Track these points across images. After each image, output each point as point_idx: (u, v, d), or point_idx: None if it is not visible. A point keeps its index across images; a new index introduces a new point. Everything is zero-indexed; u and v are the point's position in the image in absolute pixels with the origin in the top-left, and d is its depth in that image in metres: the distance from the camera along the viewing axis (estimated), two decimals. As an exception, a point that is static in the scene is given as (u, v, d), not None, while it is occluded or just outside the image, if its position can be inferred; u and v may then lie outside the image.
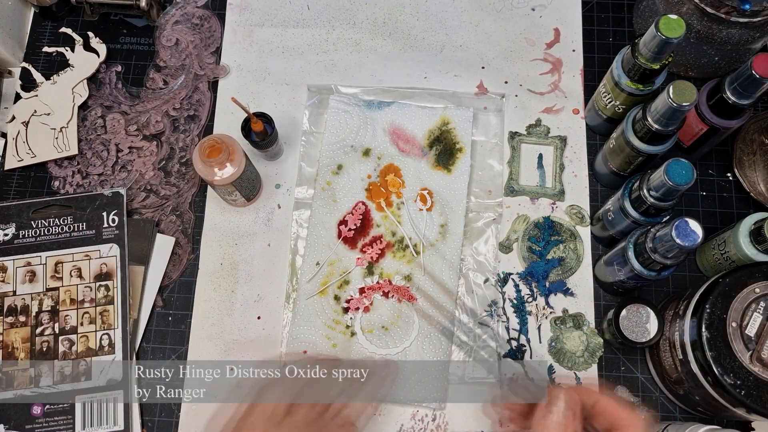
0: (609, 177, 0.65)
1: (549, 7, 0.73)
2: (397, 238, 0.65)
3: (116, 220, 0.65)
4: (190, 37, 0.73)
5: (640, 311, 0.58)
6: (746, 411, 0.51)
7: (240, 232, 0.67)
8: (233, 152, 0.60)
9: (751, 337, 0.50)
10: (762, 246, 0.56)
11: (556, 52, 0.72)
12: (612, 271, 0.60)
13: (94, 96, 0.72)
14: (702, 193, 0.67)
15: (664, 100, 0.52)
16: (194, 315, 0.64)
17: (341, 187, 0.66)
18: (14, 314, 0.63)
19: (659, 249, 0.52)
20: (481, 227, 0.66)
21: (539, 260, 0.64)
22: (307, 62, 0.72)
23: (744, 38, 0.63)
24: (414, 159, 0.67)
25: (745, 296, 0.51)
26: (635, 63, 0.57)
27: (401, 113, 0.68)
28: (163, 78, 0.72)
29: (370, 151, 0.67)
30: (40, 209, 0.66)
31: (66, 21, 0.75)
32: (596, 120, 0.67)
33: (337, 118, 0.68)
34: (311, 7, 0.74)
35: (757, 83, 0.53)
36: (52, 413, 0.60)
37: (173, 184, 0.69)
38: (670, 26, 0.53)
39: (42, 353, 0.62)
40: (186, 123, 0.71)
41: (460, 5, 0.74)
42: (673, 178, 0.51)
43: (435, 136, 0.68)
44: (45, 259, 0.64)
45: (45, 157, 0.69)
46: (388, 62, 0.72)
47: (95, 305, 0.63)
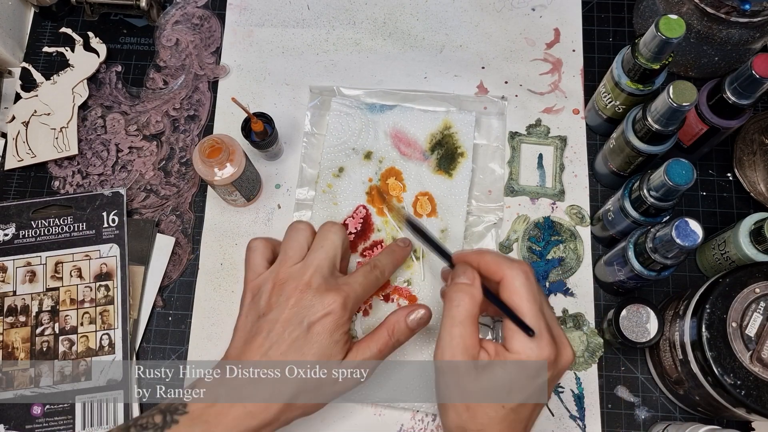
0: (609, 177, 0.65)
1: (549, 7, 0.73)
2: None
3: (116, 220, 0.65)
4: (190, 37, 0.73)
5: (640, 311, 0.58)
6: (746, 411, 0.51)
7: (240, 232, 0.67)
8: (233, 152, 0.60)
9: (751, 337, 0.50)
10: (762, 246, 0.56)
11: (556, 52, 0.72)
12: (612, 271, 0.60)
13: (94, 96, 0.72)
14: (702, 193, 0.67)
15: (664, 100, 0.52)
16: (194, 315, 0.64)
17: (342, 190, 0.66)
18: (14, 314, 0.63)
19: (659, 249, 0.52)
20: (482, 231, 0.65)
21: (539, 260, 0.64)
22: (307, 62, 0.72)
23: (744, 38, 0.63)
24: (415, 163, 0.67)
25: (745, 296, 0.51)
26: (635, 63, 0.57)
27: (403, 117, 0.68)
28: (163, 78, 0.72)
29: (372, 154, 0.67)
30: (40, 209, 0.66)
31: (66, 21, 0.75)
32: (596, 120, 0.67)
33: (338, 121, 0.68)
34: (311, 7, 0.74)
35: (757, 83, 0.53)
36: (52, 413, 0.60)
37: (173, 184, 0.69)
38: (670, 26, 0.53)
39: (42, 353, 0.62)
40: (186, 123, 0.71)
41: (460, 5, 0.74)
42: (673, 178, 0.51)
43: (437, 140, 0.67)
44: (45, 259, 0.64)
45: (45, 157, 0.69)
46: (388, 62, 0.72)
47: (95, 305, 0.63)
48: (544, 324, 0.45)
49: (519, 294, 0.46)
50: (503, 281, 0.47)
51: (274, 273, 0.51)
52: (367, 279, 0.53)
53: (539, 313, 0.46)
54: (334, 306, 0.49)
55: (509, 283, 0.47)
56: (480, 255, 0.49)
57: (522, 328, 0.45)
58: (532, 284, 0.47)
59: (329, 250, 0.52)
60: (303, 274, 0.50)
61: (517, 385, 0.44)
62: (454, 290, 0.48)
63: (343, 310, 0.50)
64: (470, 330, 0.46)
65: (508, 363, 0.45)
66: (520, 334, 0.45)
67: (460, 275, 0.48)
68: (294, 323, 0.49)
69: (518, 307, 0.46)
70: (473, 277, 0.48)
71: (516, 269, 0.47)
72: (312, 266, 0.51)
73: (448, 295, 0.48)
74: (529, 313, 0.45)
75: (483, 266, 0.48)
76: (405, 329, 0.53)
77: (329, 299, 0.49)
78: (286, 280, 0.51)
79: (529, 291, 0.46)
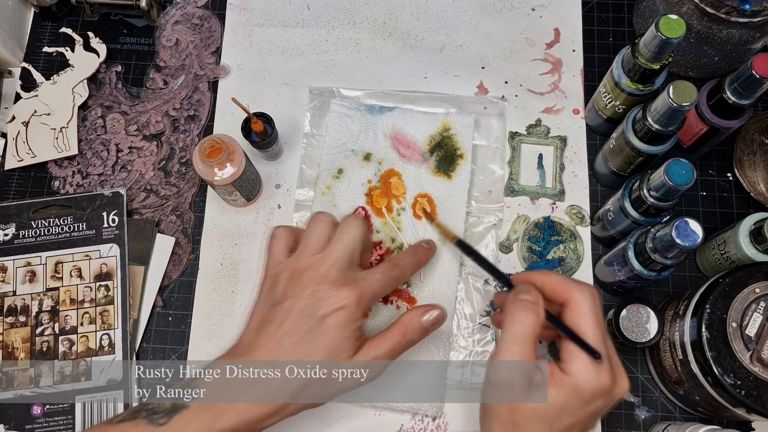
0: (609, 177, 0.65)
1: (549, 7, 0.73)
2: (397, 245, 0.64)
3: (116, 220, 0.65)
4: (190, 37, 0.73)
5: (640, 311, 0.58)
6: (746, 411, 0.51)
7: (240, 232, 0.67)
8: (233, 152, 0.60)
9: (751, 337, 0.50)
10: (762, 246, 0.56)
11: (556, 52, 0.72)
12: (612, 271, 0.60)
13: (94, 96, 0.72)
14: (702, 193, 0.67)
15: (664, 100, 0.52)
16: (194, 315, 0.64)
17: (341, 192, 0.66)
18: (14, 314, 0.63)
19: (659, 249, 0.52)
20: (482, 232, 0.65)
21: (539, 260, 0.64)
22: (307, 62, 0.72)
23: (744, 38, 0.63)
24: (414, 164, 0.67)
25: (745, 296, 0.51)
26: (635, 63, 0.57)
27: (403, 118, 0.68)
28: (163, 78, 0.72)
29: (371, 155, 0.67)
30: (40, 209, 0.66)
31: (66, 21, 0.75)
32: (596, 120, 0.67)
33: (338, 122, 0.68)
34: (311, 7, 0.74)
35: (757, 83, 0.53)
36: (52, 413, 0.60)
37: (173, 184, 0.69)
38: (670, 26, 0.53)
39: (42, 353, 0.62)
40: (186, 123, 0.71)
41: (460, 5, 0.74)
42: (673, 178, 0.51)
43: (436, 141, 0.67)
44: (45, 259, 0.64)
45: (45, 157, 0.69)
46: (388, 62, 0.72)
47: (95, 305, 0.63)
48: (605, 350, 0.44)
49: (586, 317, 0.45)
50: (570, 303, 0.46)
51: (294, 262, 0.51)
52: (385, 276, 0.52)
53: (602, 339, 0.45)
54: (349, 301, 0.49)
55: (577, 305, 0.45)
56: (545, 275, 0.48)
57: (588, 351, 0.44)
58: (599, 309, 0.46)
59: (349, 243, 0.51)
60: (321, 265, 0.50)
61: (569, 409, 0.43)
62: (518, 307, 0.46)
63: (357, 306, 0.49)
64: (530, 348, 0.45)
65: (564, 385, 0.44)
66: (580, 358, 0.44)
67: (524, 293, 0.47)
68: (308, 314, 0.48)
69: (583, 330, 0.45)
70: (537, 297, 0.46)
71: (585, 292, 0.46)
72: (330, 258, 0.50)
73: (510, 311, 0.46)
74: (593, 337, 0.44)
75: (548, 286, 0.47)
76: (419, 329, 0.52)
77: (344, 293, 0.49)
78: (304, 270, 0.50)
79: (596, 315, 0.45)
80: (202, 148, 0.59)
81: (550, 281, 0.47)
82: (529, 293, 0.47)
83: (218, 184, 0.61)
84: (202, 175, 0.60)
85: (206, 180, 0.61)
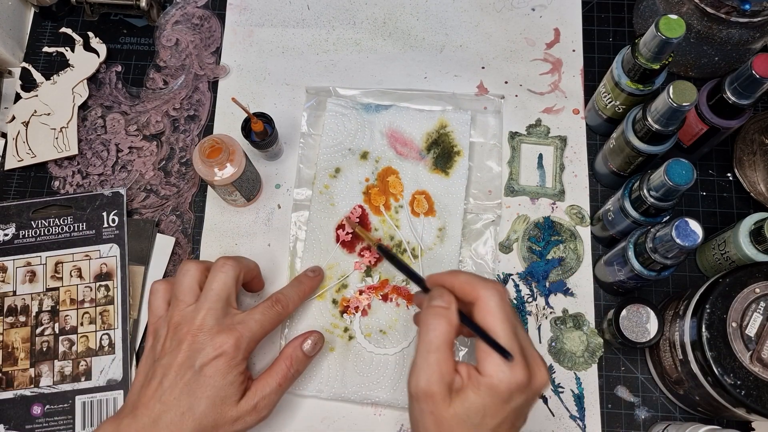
0: (609, 177, 0.65)
1: (549, 7, 0.73)
2: (395, 242, 0.64)
3: (116, 220, 0.65)
4: (190, 37, 0.73)
5: (640, 311, 0.58)
6: (746, 411, 0.51)
7: (240, 232, 0.67)
8: (233, 152, 0.60)
9: (751, 337, 0.50)
10: (762, 246, 0.56)
11: (556, 52, 0.72)
12: (612, 271, 0.60)
13: (94, 96, 0.72)
14: (702, 193, 0.67)
15: (664, 100, 0.52)
16: (194, 315, 0.64)
17: (339, 191, 0.66)
18: (14, 314, 0.63)
19: (659, 249, 0.52)
20: (480, 229, 0.65)
21: (539, 260, 0.64)
22: (307, 62, 0.72)
23: (744, 38, 0.63)
24: (412, 162, 0.67)
25: (745, 296, 0.51)
26: (635, 63, 0.57)
27: (399, 116, 0.68)
28: (163, 78, 0.72)
29: (368, 154, 0.67)
30: (40, 209, 0.66)
31: (66, 21, 0.75)
32: (596, 120, 0.67)
33: (334, 121, 0.68)
34: (311, 8, 0.74)
35: (757, 83, 0.53)
36: (52, 413, 0.60)
37: (173, 184, 0.69)
38: (670, 26, 0.53)
39: (42, 353, 0.62)
40: (186, 123, 0.71)
41: (460, 5, 0.74)
42: (673, 178, 0.51)
43: (433, 139, 0.67)
44: (45, 259, 0.64)
45: (45, 157, 0.69)
46: (388, 62, 0.72)
47: (95, 305, 0.63)
48: (517, 346, 0.44)
49: (493, 314, 0.45)
50: (478, 302, 0.46)
51: (169, 316, 0.52)
52: (265, 316, 0.53)
53: (513, 334, 0.44)
54: (226, 347, 0.50)
55: (484, 303, 0.45)
56: (454, 276, 0.48)
57: (498, 351, 0.44)
58: (506, 305, 0.46)
59: (221, 290, 0.52)
60: (195, 317, 0.51)
61: (490, 410, 0.43)
62: (430, 314, 0.46)
63: (235, 350, 0.50)
64: (446, 356, 0.44)
65: (482, 387, 0.43)
66: (492, 357, 0.43)
67: (436, 298, 0.47)
68: (186, 366, 0.49)
69: (492, 328, 0.45)
70: (449, 301, 0.46)
71: (491, 289, 0.46)
72: (203, 308, 0.51)
73: (424, 320, 0.46)
74: (503, 333, 0.44)
75: (458, 287, 0.47)
76: (302, 358, 0.55)
77: (220, 340, 0.50)
78: (179, 323, 0.51)
79: (504, 311, 0.45)
80: (202, 148, 0.59)
81: (459, 281, 0.47)
82: (442, 298, 0.47)
83: (218, 184, 0.61)
84: (202, 175, 0.60)
85: (206, 180, 0.61)
